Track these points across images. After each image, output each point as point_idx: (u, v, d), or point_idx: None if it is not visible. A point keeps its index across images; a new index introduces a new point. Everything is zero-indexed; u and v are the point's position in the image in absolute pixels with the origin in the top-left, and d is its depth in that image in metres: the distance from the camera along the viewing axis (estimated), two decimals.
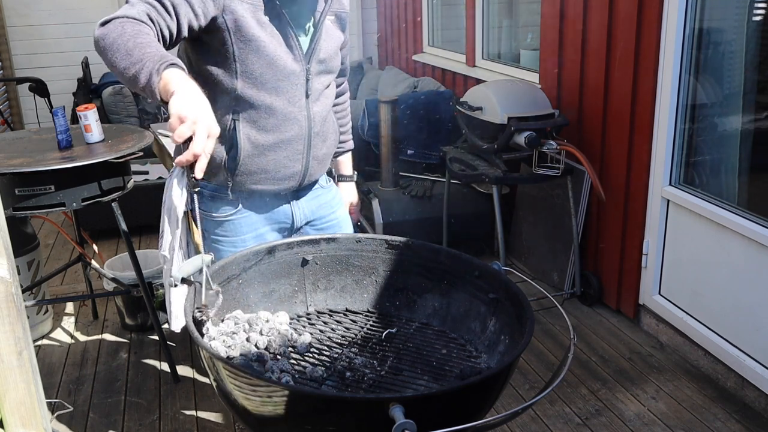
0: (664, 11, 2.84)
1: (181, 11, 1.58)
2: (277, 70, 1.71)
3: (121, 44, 1.43)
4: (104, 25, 1.49)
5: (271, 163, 1.79)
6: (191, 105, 1.32)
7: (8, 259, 1.22)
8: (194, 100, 1.33)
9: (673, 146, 2.95)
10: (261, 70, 1.69)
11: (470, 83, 4.47)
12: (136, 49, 1.41)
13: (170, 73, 1.38)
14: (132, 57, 1.41)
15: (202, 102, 1.35)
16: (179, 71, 1.39)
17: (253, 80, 1.70)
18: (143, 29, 1.48)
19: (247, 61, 1.68)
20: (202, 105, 1.34)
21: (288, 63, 1.72)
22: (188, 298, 1.42)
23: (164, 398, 2.82)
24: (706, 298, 2.87)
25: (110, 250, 4.24)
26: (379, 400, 1.18)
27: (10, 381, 1.26)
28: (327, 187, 2.02)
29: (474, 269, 1.61)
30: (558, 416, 2.65)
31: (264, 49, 1.67)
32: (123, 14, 1.50)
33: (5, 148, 2.73)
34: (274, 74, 1.71)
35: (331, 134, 1.93)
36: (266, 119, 1.75)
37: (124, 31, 1.45)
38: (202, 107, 1.33)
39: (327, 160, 1.94)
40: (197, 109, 1.32)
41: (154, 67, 1.38)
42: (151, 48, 1.42)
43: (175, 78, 1.37)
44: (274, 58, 1.69)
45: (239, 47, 1.66)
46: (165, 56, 1.41)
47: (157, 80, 1.38)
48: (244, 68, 1.69)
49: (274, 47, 1.69)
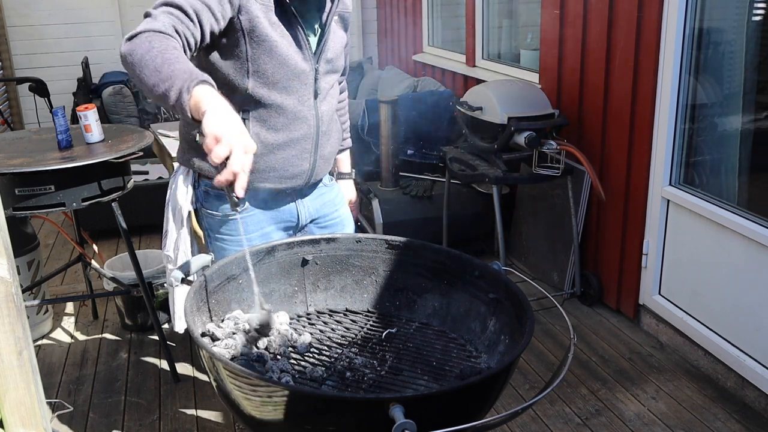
0: (664, 11, 2.84)
1: (203, 17, 1.57)
2: (288, 69, 1.72)
3: (149, 60, 1.41)
4: (131, 41, 1.47)
5: (280, 161, 1.80)
6: (226, 124, 1.31)
7: (8, 259, 1.22)
8: (228, 118, 1.32)
9: (673, 146, 2.95)
10: (273, 70, 1.70)
11: (470, 83, 4.47)
12: (165, 65, 1.40)
13: (200, 90, 1.36)
14: (161, 74, 1.40)
15: (236, 119, 1.34)
16: (209, 88, 1.38)
17: (264, 80, 1.71)
18: (170, 43, 1.47)
19: (259, 61, 1.69)
20: (236, 123, 1.32)
21: (299, 63, 1.73)
22: (188, 298, 1.42)
23: (164, 398, 2.82)
24: (706, 298, 2.87)
25: (110, 250, 4.24)
26: (379, 400, 1.18)
27: (10, 381, 1.26)
28: (330, 185, 2.04)
29: (474, 269, 1.61)
30: (558, 416, 2.65)
31: (276, 49, 1.68)
32: (149, 28, 1.48)
33: (5, 148, 2.73)
34: (285, 74, 1.72)
35: (335, 133, 1.95)
36: (276, 118, 1.76)
37: (151, 46, 1.44)
38: (236, 125, 1.32)
39: (332, 158, 1.96)
40: (232, 128, 1.31)
41: (184, 85, 1.36)
42: (179, 64, 1.41)
43: (206, 96, 1.35)
44: (285, 58, 1.70)
45: (252, 47, 1.67)
46: (194, 73, 1.39)
47: (187, 98, 1.36)
48: (256, 68, 1.70)
49: (286, 47, 1.70)
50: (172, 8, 1.55)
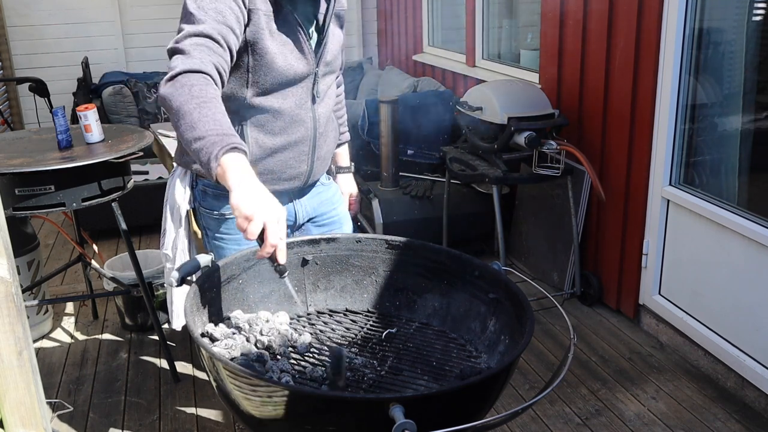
0: (664, 11, 2.84)
1: (230, 41, 1.57)
2: (287, 77, 1.72)
3: (186, 113, 1.41)
4: (170, 82, 1.46)
5: (278, 164, 1.80)
6: (254, 201, 1.30)
7: (8, 259, 1.22)
8: (255, 194, 1.32)
9: (673, 146, 2.95)
10: (272, 80, 1.71)
11: (470, 83, 4.47)
12: (200, 123, 1.39)
13: (228, 160, 1.35)
14: (195, 131, 1.39)
15: (263, 193, 1.33)
16: (237, 157, 1.36)
17: (263, 89, 1.72)
18: (210, 91, 1.45)
19: (259, 72, 1.69)
20: (263, 196, 1.33)
21: (299, 69, 1.73)
22: (188, 298, 1.42)
23: (164, 398, 2.82)
24: (706, 298, 2.87)
25: (110, 250, 4.24)
26: (379, 400, 1.18)
27: (10, 381, 1.27)
28: (327, 184, 2.04)
29: (474, 269, 1.61)
30: (558, 416, 2.65)
31: (276, 60, 1.68)
32: (187, 68, 1.47)
33: (5, 148, 2.73)
34: (284, 81, 1.72)
35: (332, 132, 1.95)
36: (274, 122, 1.76)
37: (191, 95, 1.42)
38: (264, 199, 1.32)
39: (329, 158, 1.96)
40: (260, 203, 1.31)
41: (213, 151, 1.35)
42: (214, 124, 1.39)
43: (233, 169, 1.34)
44: (286, 67, 1.70)
45: (254, 59, 1.67)
46: (225, 138, 1.37)
47: (215, 166, 1.35)
48: (256, 79, 1.70)
49: (285, 57, 1.70)
50: (202, 38, 1.53)
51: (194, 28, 1.54)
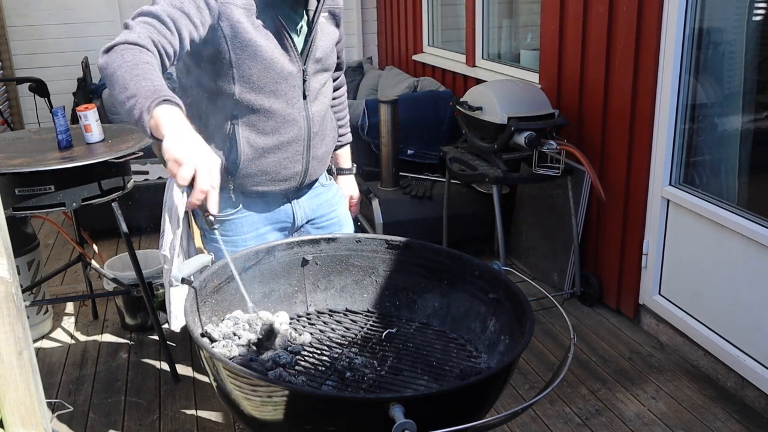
0: (664, 11, 2.84)
1: (181, 25, 1.56)
2: (274, 73, 1.71)
3: (119, 76, 1.41)
4: (107, 53, 1.47)
5: (272, 165, 1.80)
6: (185, 146, 1.30)
7: (8, 259, 1.22)
8: (186, 139, 1.31)
9: (673, 146, 2.95)
10: (258, 74, 1.70)
11: (470, 83, 4.47)
12: (132, 81, 1.39)
13: (160, 111, 1.34)
14: (127, 90, 1.38)
15: (195, 139, 1.33)
16: (170, 108, 1.36)
17: (250, 85, 1.70)
18: (144, 57, 1.45)
19: (243, 66, 1.68)
20: (195, 143, 1.32)
21: (285, 65, 1.72)
22: (188, 298, 1.42)
23: (164, 398, 2.82)
24: (706, 298, 2.87)
25: (110, 250, 4.24)
26: (379, 400, 1.18)
27: (10, 381, 1.27)
28: (327, 185, 2.03)
29: (474, 269, 1.61)
30: (558, 416, 2.65)
31: (260, 52, 1.67)
32: (124, 40, 1.47)
33: (5, 148, 2.73)
34: (271, 77, 1.71)
35: (330, 132, 1.94)
36: (265, 122, 1.75)
37: (124, 60, 1.42)
38: (196, 145, 1.31)
39: (326, 158, 1.95)
40: (191, 149, 1.30)
41: (145, 104, 1.35)
42: (146, 81, 1.39)
43: (165, 118, 1.34)
44: (270, 62, 1.69)
45: (236, 53, 1.66)
46: (158, 91, 1.37)
47: (147, 118, 1.35)
48: (242, 73, 1.69)
49: (270, 50, 1.69)
50: (149, 18, 1.54)
51: (147, 8, 1.57)
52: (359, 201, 2.23)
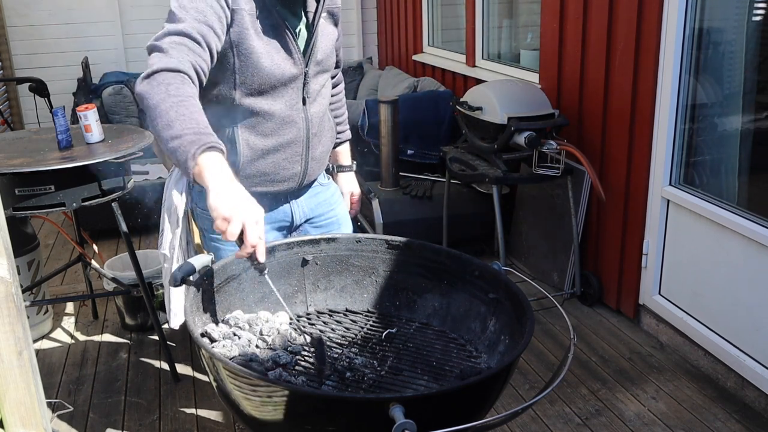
0: (664, 11, 2.84)
1: (210, 40, 1.56)
2: (275, 78, 1.71)
3: (163, 112, 1.40)
4: (147, 80, 1.45)
5: (271, 166, 1.80)
6: (231, 202, 1.32)
7: (8, 259, 1.22)
8: (231, 195, 1.33)
9: (673, 146, 2.95)
10: (260, 80, 1.70)
11: (470, 83, 4.47)
12: (177, 121, 1.39)
13: (204, 160, 1.35)
14: (172, 130, 1.38)
15: (240, 193, 1.35)
16: (214, 157, 1.36)
17: (251, 90, 1.71)
18: (187, 90, 1.45)
19: (246, 72, 1.68)
20: (240, 197, 1.34)
21: (287, 69, 1.72)
22: (188, 298, 1.42)
23: (164, 398, 2.82)
24: (706, 298, 2.87)
25: (110, 250, 4.24)
26: (379, 400, 1.18)
27: (10, 381, 1.27)
28: (326, 184, 2.03)
29: (474, 269, 1.61)
30: (558, 416, 2.65)
31: (263, 60, 1.67)
32: (164, 66, 1.46)
33: (5, 148, 2.73)
34: (272, 82, 1.71)
35: (328, 132, 1.93)
36: (265, 124, 1.75)
37: (168, 94, 1.42)
38: (241, 199, 1.33)
39: (325, 158, 1.94)
40: (238, 204, 1.32)
41: (191, 150, 1.35)
42: (191, 123, 1.39)
43: (209, 169, 1.35)
44: (272, 67, 1.69)
45: (240, 60, 1.66)
46: (202, 137, 1.37)
47: (192, 165, 1.36)
48: (243, 79, 1.69)
49: (272, 55, 1.69)
50: (182, 37, 1.53)
51: (174, 26, 1.54)
52: (360, 199, 2.21)
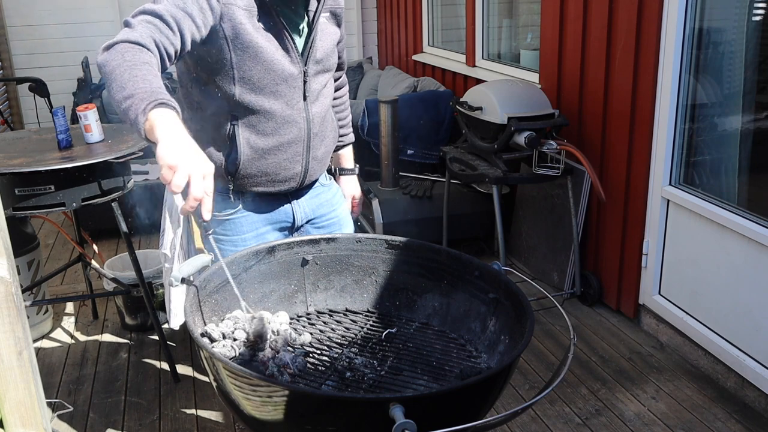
0: (664, 11, 2.84)
1: (184, 26, 1.55)
2: (274, 74, 1.71)
3: (118, 75, 1.38)
4: (107, 51, 1.44)
5: (271, 165, 1.80)
6: (178, 152, 1.27)
7: (8, 259, 1.22)
8: (180, 145, 1.28)
9: (673, 146, 2.95)
10: (259, 75, 1.69)
11: (470, 83, 4.47)
12: (130, 82, 1.37)
13: (155, 114, 1.32)
14: (125, 91, 1.36)
15: (189, 145, 1.30)
16: (165, 112, 1.33)
17: (251, 86, 1.70)
18: (143, 57, 1.43)
19: (244, 67, 1.68)
20: (189, 148, 1.29)
21: (285, 66, 1.72)
22: (188, 298, 1.42)
23: (164, 398, 2.82)
24: (706, 298, 2.87)
25: (110, 250, 4.24)
26: (379, 400, 1.18)
27: (10, 381, 1.27)
28: (327, 185, 2.03)
29: (474, 269, 1.61)
30: (558, 416, 2.65)
31: (261, 54, 1.67)
32: (125, 38, 1.45)
33: (5, 148, 2.73)
34: (272, 79, 1.71)
35: (330, 132, 1.93)
36: (265, 123, 1.75)
37: (123, 59, 1.40)
38: (189, 151, 1.28)
39: (326, 159, 1.94)
40: (185, 155, 1.27)
41: (141, 106, 1.33)
42: (144, 82, 1.37)
43: (160, 122, 1.31)
44: (271, 63, 1.69)
45: (237, 54, 1.66)
46: (154, 94, 1.35)
47: (143, 120, 1.32)
48: (242, 74, 1.68)
49: (272, 52, 1.69)
50: (152, 17, 1.52)
51: (150, 6, 1.54)
52: (361, 201, 2.21)
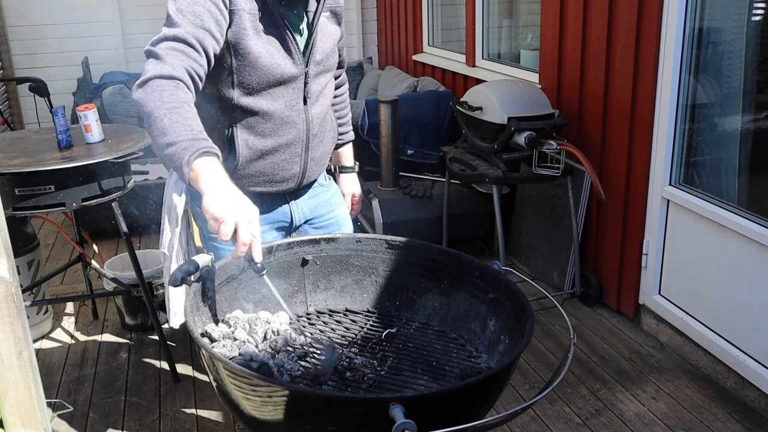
0: (664, 11, 2.84)
1: (207, 44, 1.56)
2: (274, 77, 1.70)
3: (158, 119, 1.41)
4: (142, 88, 1.46)
5: (269, 166, 1.79)
6: (223, 203, 1.32)
7: (8, 259, 1.22)
8: (225, 196, 1.34)
9: (673, 146, 2.95)
10: (258, 80, 1.69)
11: (470, 83, 4.47)
12: (171, 128, 1.39)
13: (200, 165, 1.36)
14: (166, 137, 1.39)
15: (233, 194, 1.35)
16: (208, 161, 1.37)
17: (249, 90, 1.70)
18: (180, 95, 1.45)
19: (243, 72, 1.67)
20: (233, 197, 1.34)
21: (286, 69, 1.71)
22: (188, 298, 1.42)
23: (164, 398, 2.82)
24: (706, 298, 2.87)
25: (110, 250, 4.24)
26: (379, 400, 1.18)
27: (10, 381, 1.27)
28: (326, 185, 2.02)
29: (474, 269, 1.61)
30: (558, 416, 2.65)
31: (261, 59, 1.67)
32: (158, 74, 1.46)
33: (5, 148, 2.73)
34: (270, 82, 1.71)
35: (329, 133, 1.93)
36: (264, 125, 1.75)
37: (162, 101, 1.42)
38: (234, 200, 1.34)
39: (325, 159, 1.94)
40: (230, 205, 1.32)
41: (185, 157, 1.36)
42: (185, 129, 1.40)
43: (204, 173, 1.36)
44: (270, 68, 1.69)
45: (237, 60, 1.66)
46: (196, 142, 1.38)
47: (187, 171, 1.37)
48: (241, 79, 1.68)
49: (272, 55, 1.68)
50: (177, 43, 1.52)
51: (170, 31, 1.54)
52: (361, 200, 2.20)
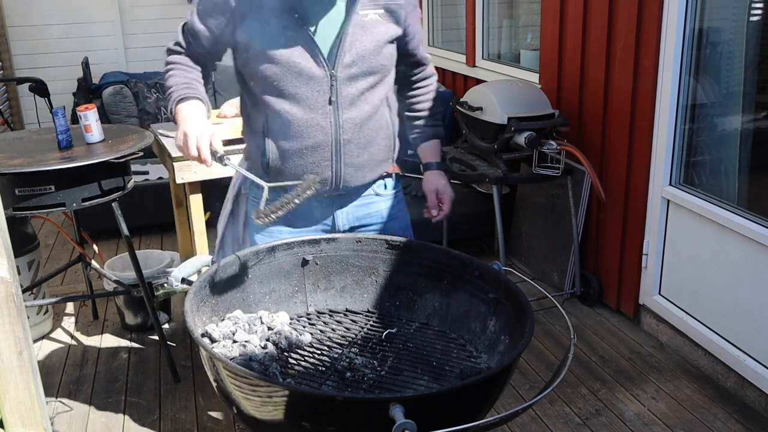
0: (664, 11, 2.84)
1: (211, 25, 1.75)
2: (293, 77, 1.70)
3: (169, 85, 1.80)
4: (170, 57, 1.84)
5: (298, 168, 1.78)
6: (183, 129, 1.64)
7: (8, 259, 1.22)
8: (187, 124, 1.65)
9: (673, 146, 2.95)
10: (277, 78, 1.70)
11: (470, 83, 4.47)
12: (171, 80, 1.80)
13: (180, 106, 1.72)
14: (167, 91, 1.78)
15: (194, 123, 1.65)
16: (189, 104, 1.72)
17: (270, 89, 1.72)
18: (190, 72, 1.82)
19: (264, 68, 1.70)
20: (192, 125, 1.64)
21: (306, 69, 1.70)
22: (188, 298, 1.42)
23: (164, 398, 2.82)
24: (706, 298, 2.87)
25: (110, 250, 4.24)
26: (379, 400, 1.18)
27: (10, 381, 1.27)
28: (384, 195, 1.97)
29: (474, 269, 1.61)
30: (558, 416, 2.65)
31: (278, 58, 1.68)
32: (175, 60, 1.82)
33: (5, 148, 2.73)
34: (290, 81, 1.70)
35: (381, 139, 1.86)
36: (287, 126, 1.75)
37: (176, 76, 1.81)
38: (189, 126, 1.64)
39: (372, 166, 1.86)
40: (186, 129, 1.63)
41: (173, 98, 1.74)
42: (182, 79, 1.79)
43: (182, 113, 1.71)
44: (289, 66, 1.69)
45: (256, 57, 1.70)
46: (185, 90, 1.75)
47: (174, 110, 1.74)
48: (262, 75, 1.71)
49: (290, 54, 1.68)
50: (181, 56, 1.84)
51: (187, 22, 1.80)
52: (449, 199, 2.09)
